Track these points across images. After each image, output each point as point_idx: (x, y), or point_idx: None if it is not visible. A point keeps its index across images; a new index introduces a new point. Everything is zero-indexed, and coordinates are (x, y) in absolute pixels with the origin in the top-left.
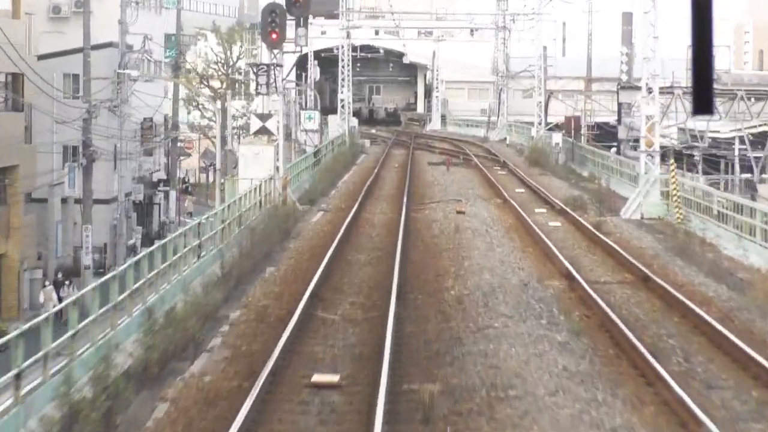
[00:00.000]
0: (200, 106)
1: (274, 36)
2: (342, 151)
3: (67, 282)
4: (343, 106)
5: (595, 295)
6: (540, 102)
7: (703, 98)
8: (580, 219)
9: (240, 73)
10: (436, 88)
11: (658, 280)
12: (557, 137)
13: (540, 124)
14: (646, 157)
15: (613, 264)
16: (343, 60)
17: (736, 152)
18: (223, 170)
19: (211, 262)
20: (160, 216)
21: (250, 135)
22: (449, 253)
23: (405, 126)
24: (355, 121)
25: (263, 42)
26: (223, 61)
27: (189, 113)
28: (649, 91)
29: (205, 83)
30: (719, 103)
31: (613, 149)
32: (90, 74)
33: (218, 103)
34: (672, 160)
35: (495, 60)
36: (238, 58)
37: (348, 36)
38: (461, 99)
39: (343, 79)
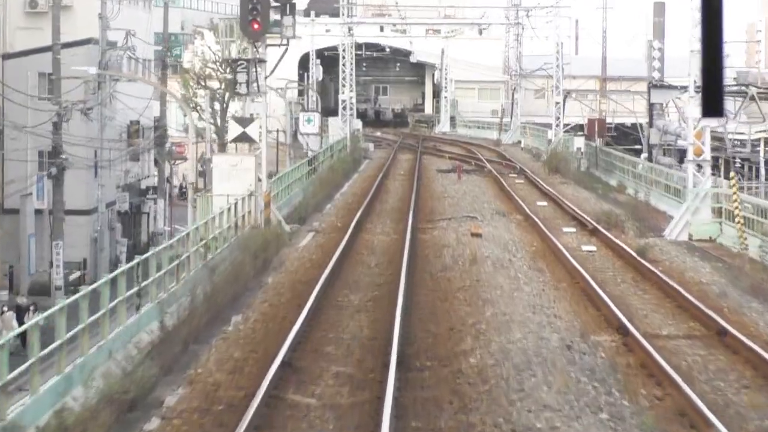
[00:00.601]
0: (197, 108)
1: (255, 26)
2: (342, 157)
3: (32, 307)
4: (344, 108)
5: (662, 361)
6: (558, 103)
7: (712, 100)
8: (617, 241)
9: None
10: (445, 87)
11: (739, 336)
12: (579, 141)
13: (558, 126)
14: (694, 167)
15: (672, 307)
16: (344, 58)
17: (762, 155)
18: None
19: (158, 313)
20: (148, 226)
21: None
22: (465, 294)
23: (412, 128)
24: (358, 124)
25: (243, 33)
26: (221, 60)
27: (185, 115)
28: (698, 89)
29: (203, 83)
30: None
31: (644, 155)
32: (60, 72)
33: (216, 104)
34: (732, 173)
35: (506, 58)
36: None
37: (350, 31)
38: (471, 99)
39: (344, 79)
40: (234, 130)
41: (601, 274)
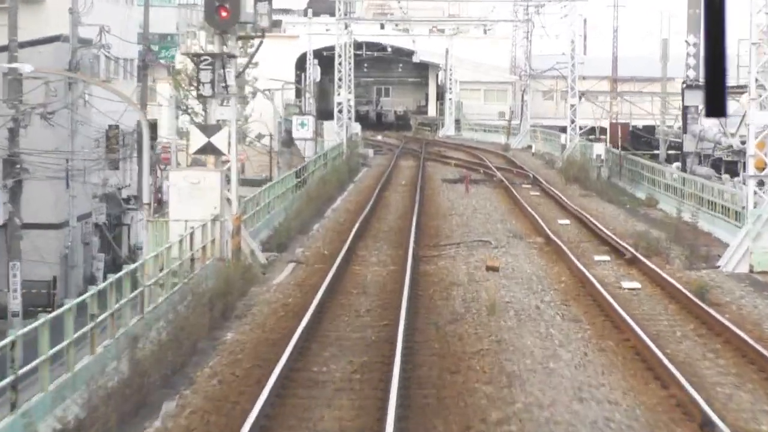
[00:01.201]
0: (189, 110)
1: (223, 13)
2: (337, 165)
3: None
4: (340, 111)
5: None
6: (573, 105)
7: (716, 99)
8: (665, 275)
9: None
10: (450, 89)
11: None
12: (599, 148)
13: (573, 130)
14: (754, 183)
15: (761, 380)
16: (340, 56)
17: None
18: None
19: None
20: (129, 239)
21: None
22: (483, 363)
23: (415, 131)
24: (357, 128)
25: (208, 22)
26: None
27: (177, 117)
28: (761, 91)
29: (195, 84)
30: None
31: (676, 164)
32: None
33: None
34: None
35: (513, 58)
36: None
37: (346, 28)
38: (477, 101)
39: (340, 79)
40: (197, 139)
41: (653, 324)
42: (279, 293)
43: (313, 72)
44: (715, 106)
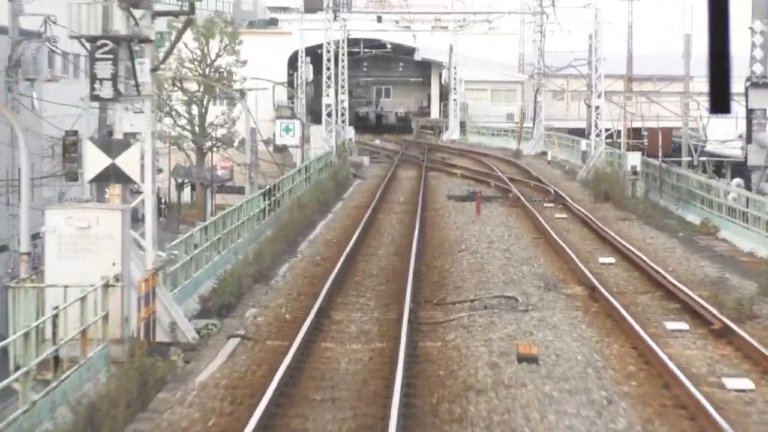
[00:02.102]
0: (172, 113)
1: None
2: (321, 181)
3: None
4: (329, 114)
5: None
6: (597, 108)
7: (720, 96)
8: None
9: (219, 73)
10: (454, 89)
11: None
12: (635, 158)
13: (598, 136)
14: None
15: None
16: (329, 52)
17: None
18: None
19: None
20: None
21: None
22: None
23: (417, 135)
24: (351, 132)
25: None
26: (199, 59)
27: (160, 120)
28: None
29: (179, 85)
30: None
31: (736, 180)
32: None
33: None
34: None
35: (521, 56)
36: (218, 56)
37: (335, 18)
38: (483, 102)
39: (329, 77)
40: (94, 161)
41: None
42: (196, 408)
43: (305, 71)
44: (720, 102)
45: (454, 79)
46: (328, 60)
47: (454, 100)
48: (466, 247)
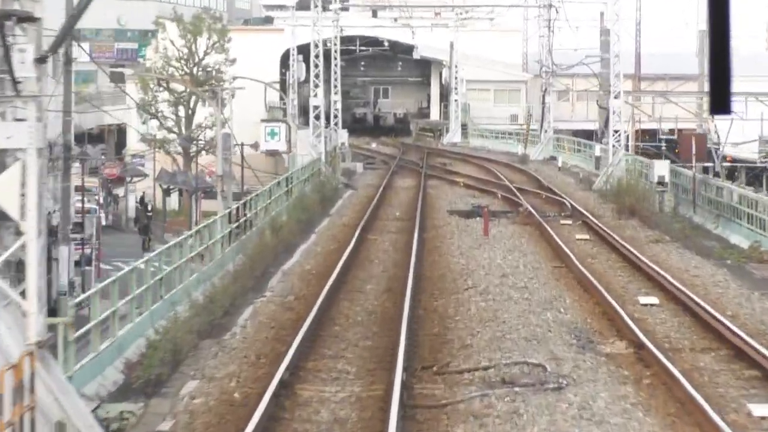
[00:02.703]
0: (158, 114)
1: None
2: (305, 195)
3: None
4: (317, 117)
5: None
6: (615, 111)
7: (721, 97)
8: None
9: (207, 72)
10: (455, 89)
11: None
12: (662, 167)
13: (618, 143)
14: None
15: None
16: (317, 47)
17: None
18: None
19: None
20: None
21: None
22: None
23: (416, 138)
24: (344, 136)
25: None
26: (186, 58)
27: (144, 122)
28: None
29: (164, 85)
30: None
31: None
32: None
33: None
34: None
35: (524, 54)
36: (206, 54)
37: (324, 9)
38: (486, 103)
39: (317, 76)
40: None
41: None
42: None
43: (298, 70)
44: (720, 103)
45: (455, 78)
46: (316, 57)
47: (455, 100)
48: (473, 284)
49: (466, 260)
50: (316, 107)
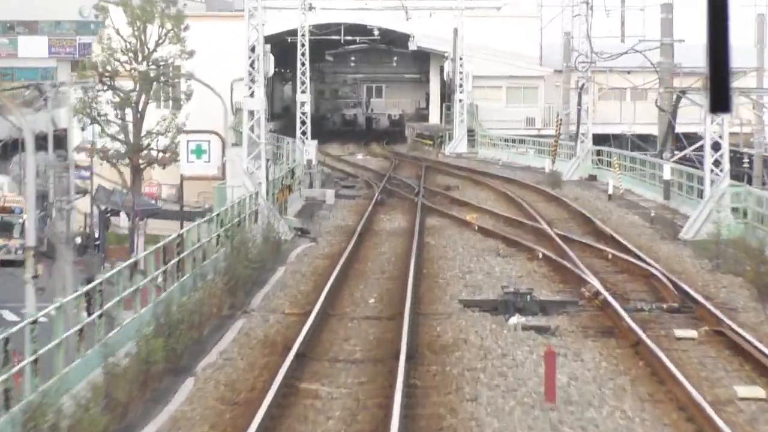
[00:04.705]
0: (100, 117)
1: None
2: (206, 277)
3: None
4: (254, 128)
5: None
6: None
7: (719, 95)
8: None
9: (160, 67)
10: (460, 86)
11: None
12: None
13: (718, 165)
14: None
15: None
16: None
17: None
18: None
19: None
20: None
21: None
22: None
23: (411, 146)
24: (312, 150)
25: None
26: (134, 50)
27: (83, 128)
28: None
29: (108, 83)
30: None
31: None
32: None
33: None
34: None
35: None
36: (158, 45)
37: None
38: (497, 103)
39: (253, 65)
40: None
41: None
42: None
43: (265, 63)
44: (719, 102)
45: (460, 73)
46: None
47: (460, 100)
48: None
49: None
50: (252, 113)
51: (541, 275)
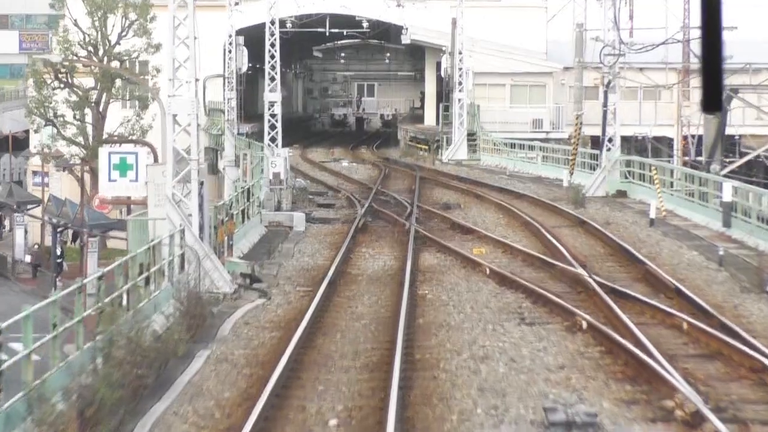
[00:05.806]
0: (56, 118)
1: None
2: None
3: None
4: (184, 142)
5: None
6: None
7: (712, 94)
8: None
9: (123, 62)
10: (459, 84)
11: None
12: None
13: None
14: None
15: None
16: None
17: None
18: None
19: None
20: None
21: None
22: None
23: (404, 151)
24: (280, 163)
25: None
26: (95, 43)
27: (37, 131)
28: None
29: (66, 80)
30: None
31: None
32: None
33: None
34: None
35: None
36: (120, 37)
37: None
38: (500, 103)
39: (175, 61)
40: None
41: None
42: None
43: (239, 58)
44: (711, 100)
45: (459, 69)
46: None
47: (459, 100)
48: None
49: None
50: (174, 114)
51: (594, 365)
